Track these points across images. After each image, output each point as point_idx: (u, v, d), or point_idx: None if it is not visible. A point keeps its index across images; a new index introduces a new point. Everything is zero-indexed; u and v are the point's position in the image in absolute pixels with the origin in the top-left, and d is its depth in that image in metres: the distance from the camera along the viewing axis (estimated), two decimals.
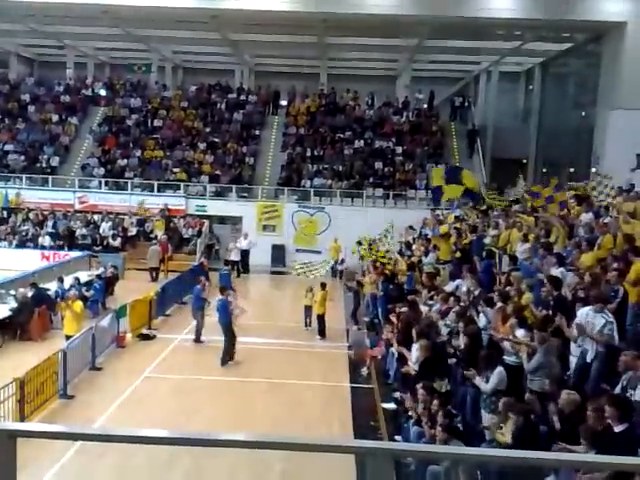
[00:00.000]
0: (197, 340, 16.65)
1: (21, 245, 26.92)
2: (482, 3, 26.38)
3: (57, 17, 30.84)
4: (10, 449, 2.03)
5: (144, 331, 17.05)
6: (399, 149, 33.16)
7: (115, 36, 34.86)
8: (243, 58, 39.67)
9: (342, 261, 26.94)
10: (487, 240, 16.21)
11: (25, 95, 36.09)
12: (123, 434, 2.11)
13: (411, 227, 24.71)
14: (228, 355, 14.97)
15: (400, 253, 20.88)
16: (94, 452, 9.17)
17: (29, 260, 24.11)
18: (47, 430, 2.15)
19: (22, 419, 10.72)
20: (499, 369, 8.74)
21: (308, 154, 32.68)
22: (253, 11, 27.06)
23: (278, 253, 28.93)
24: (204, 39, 34.72)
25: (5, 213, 28.99)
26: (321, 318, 17.59)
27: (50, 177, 30.97)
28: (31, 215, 28.81)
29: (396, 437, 9.63)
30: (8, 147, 32.75)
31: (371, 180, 31.07)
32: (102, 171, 31.50)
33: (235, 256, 26.51)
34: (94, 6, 27.64)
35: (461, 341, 10.24)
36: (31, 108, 35.29)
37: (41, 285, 18.16)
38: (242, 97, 36.31)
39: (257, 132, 34.27)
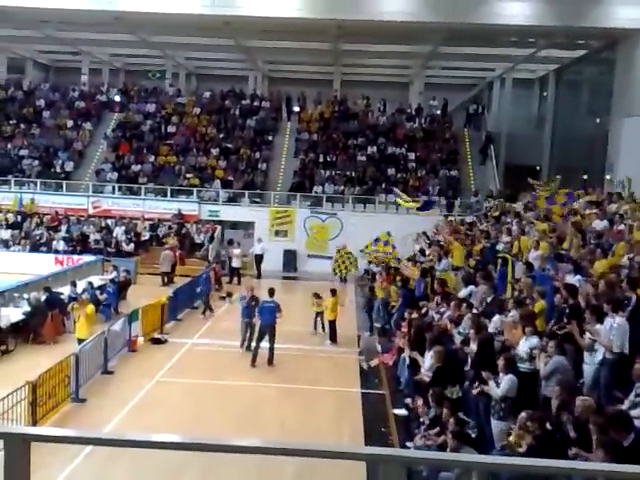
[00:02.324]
0: (249, 348, 15.82)
1: (35, 249, 27.10)
2: (496, 10, 26.32)
3: (72, 24, 31.08)
4: (24, 453, 2.04)
5: (156, 335, 17.08)
6: (412, 155, 33.12)
7: (130, 43, 35.11)
8: (256, 64, 39.80)
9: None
10: (500, 247, 16.14)
11: (40, 101, 36.41)
12: (134, 439, 2.10)
13: (424, 233, 24.67)
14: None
15: (412, 259, 20.81)
16: (105, 456, 9.18)
17: (43, 264, 24.24)
18: (61, 435, 2.15)
19: (34, 422, 10.74)
20: (510, 376, 8.67)
21: (320, 160, 32.73)
22: (267, 17, 27.15)
23: (290, 258, 28.95)
24: (218, 45, 34.90)
25: (19, 218, 29.20)
26: (332, 324, 17.56)
27: (64, 182, 31.19)
28: (45, 219, 29.01)
29: (407, 444, 9.58)
30: (23, 152, 33.04)
31: (383, 186, 31.04)
32: (116, 176, 31.70)
33: (236, 263, 26.45)
34: (108, 13, 27.88)
35: (473, 347, 10.18)
36: (46, 114, 35.59)
37: (54, 289, 18.25)
38: (255, 103, 36.45)
39: (270, 138, 34.37)
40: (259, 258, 27.76)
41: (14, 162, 32.50)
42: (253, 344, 15.53)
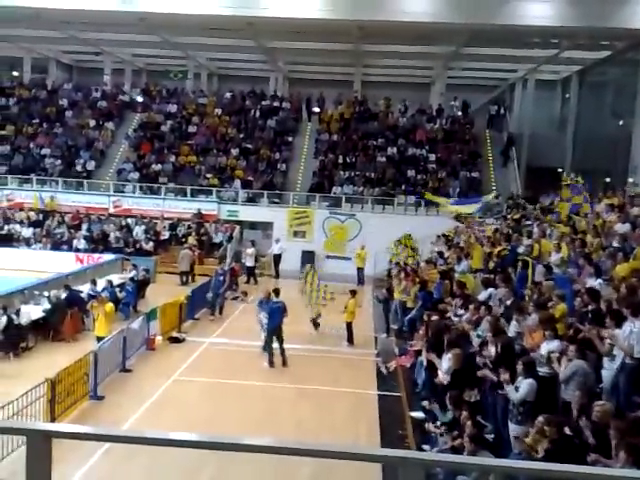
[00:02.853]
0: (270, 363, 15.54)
1: (56, 247, 27.36)
2: (519, 11, 26.10)
3: (95, 24, 31.35)
4: (45, 449, 2.05)
5: (174, 334, 17.16)
6: (432, 157, 32.97)
7: (152, 43, 35.34)
8: (277, 65, 39.87)
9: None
10: (521, 249, 15.99)
11: (63, 100, 36.79)
12: (153, 436, 2.11)
13: (444, 235, 24.53)
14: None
15: (430, 261, 20.69)
16: (122, 454, 9.21)
17: (63, 262, 24.46)
18: (82, 431, 2.16)
19: (52, 420, 10.82)
20: (530, 380, 8.57)
21: (340, 161, 32.69)
22: (289, 19, 27.18)
23: (308, 259, 28.93)
24: (239, 46, 34.99)
25: (41, 216, 29.51)
26: (349, 325, 17.50)
27: (86, 181, 31.48)
28: (66, 218, 29.29)
29: (424, 446, 9.51)
30: (45, 151, 33.40)
31: (403, 187, 30.93)
32: (137, 176, 31.93)
33: (250, 262, 26.52)
34: (132, 14, 28.08)
35: (492, 350, 10.08)
36: (69, 113, 35.94)
37: (74, 287, 18.40)
38: (275, 104, 36.49)
39: (290, 139, 34.41)
40: (277, 258, 27.79)
41: (37, 161, 32.87)
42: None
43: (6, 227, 28.63)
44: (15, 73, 41.28)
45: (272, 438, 2.09)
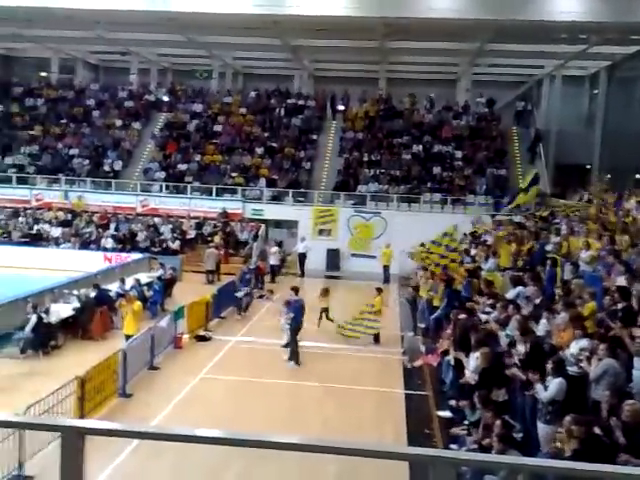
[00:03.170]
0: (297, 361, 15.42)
1: (84, 247, 27.69)
2: (547, 6, 25.81)
3: (122, 24, 31.64)
4: (79, 446, 2.06)
5: (201, 332, 17.27)
6: (458, 154, 32.74)
7: (178, 42, 35.59)
8: (302, 63, 39.89)
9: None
10: (549, 247, 15.81)
11: (90, 100, 37.20)
12: (184, 434, 2.12)
13: (470, 233, 24.35)
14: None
15: (457, 259, 20.54)
16: (150, 451, 9.28)
17: (92, 261, 24.73)
18: (116, 428, 2.18)
19: (82, 417, 10.92)
20: (560, 379, 8.46)
21: (365, 159, 32.61)
22: (315, 16, 27.17)
23: (333, 257, 28.93)
24: (264, 45, 35.11)
25: (70, 216, 29.90)
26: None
27: (113, 181, 31.82)
28: (94, 218, 29.64)
29: (451, 445, 9.45)
30: (73, 151, 33.81)
31: (429, 185, 30.75)
32: (163, 175, 32.18)
33: (274, 260, 26.63)
34: (158, 13, 28.31)
35: (521, 349, 9.98)
36: (96, 113, 36.33)
37: (103, 286, 18.59)
38: (300, 102, 36.51)
39: (314, 137, 34.41)
40: (302, 257, 27.82)
41: (65, 161, 33.30)
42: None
43: (35, 227, 29.05)
44: (43, 74, 41.86)
45: (298, 436, 2.09)
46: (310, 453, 2.04)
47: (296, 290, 16.25)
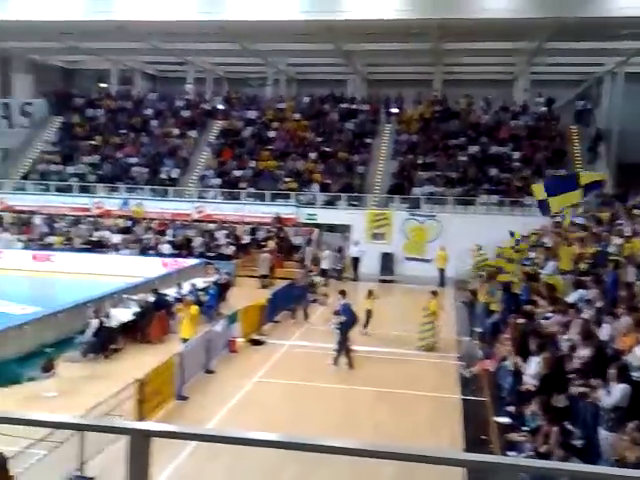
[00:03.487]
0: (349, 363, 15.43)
1: (143, 253, 28.29)
2: (607, 2, 25.05)
3: (178, 35, 32.27)
4: (145, 449, 2.09)
5: (255, 336, 17.36)
6: (516, 154, 32.10)
7: (232, 51, 36.07)
8: (356, 67, 39.87)
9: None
10: (611, 249, 15.28)
11: (148, 110, 38.03)
12: (240, 436, 2.13)
13: (529, 236, 23.78)
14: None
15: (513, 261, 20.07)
16: (206, 454, 9.35)
17: (150, 267, 25.24)
18: (181, 431, 2.19)
19: (141, 419, 11.10)
20: (623, 385, 8.13)
21: (420, 161, 32.31)
22: (369, 20, 27.10)
23: (387, 261, 28.71)
24: (318, 51, 35.25)
25: (129, 223, 30.61)
26: None
27: (170, 188, 32.43)
28: (153, 224, 30.27)
29: (509, 452, 9.19)
30: (132, 160, 34.60)
31: (485, 187, 30.23)
32: (218, 182, 32.61)
33: (325, 265, 26.58)
34: (213, 23, 28.74)
35: (583, 354, 9.64)
36: (153, 122, 37.11)
37: (161, 291, 18.92)
38: (354, 106, 36.48)
39: (368, 140, 34.29)
40: (356, 261, 27.75)
41: (124, 170, 34.11)
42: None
43: (96, 234, 29.83)
44: (102, 85, 43.07)
45: (353, 440, 2.03)
46: (365, 458, 2.00)
47: (344, 293, 16.21)
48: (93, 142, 36.01)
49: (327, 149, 33.66)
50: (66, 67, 44.17)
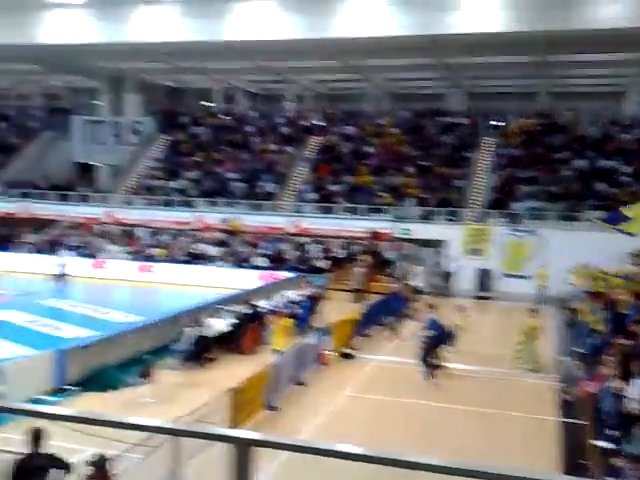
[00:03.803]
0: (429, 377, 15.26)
1: (239, 265, 28.96)
2: None
3: (282, 53, 32.82)
4: (248, 457, 2.13)
5: (346, 350, 17.31)
6: (626, 169, 30.54)
7: (333, 68, 36.39)
8: (457, 81, 39.25)
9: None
10: None
11: (249, 127, 39.06)
12: (346, 451, 2.12)
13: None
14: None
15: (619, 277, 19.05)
16: (297, 464, 9.32)
17: (245, 279, 25.79)
18: (282, 442, 2.19)
19: (234, 428, 11.28)
20: None
21: (521, 175, 31.38)
22: (474, 34, 26.61)
23: (484, 278, 27.99)
24: (418, 65, 34.98)
25: (226, 236, 31.46)
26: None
27: (267, 203, 33.09)
28: (249, 238, 30.98)
29: (609, 478, 8.67)
30: (232, 175, 35.60)
31: (590, 202, 28.92)
32: (314, 197, 32.96)
33: (417, 280, 26.24)
34: (316, 41, 28.94)
35: None
36: (254, 139, 38.06)
37: (255, 302, 19.27)
38: (453, 120, 35.99)
39: (468, 154, 33.68)
40: (451, 276, 27.26)
41: (224, 184, 35.14)
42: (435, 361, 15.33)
43: (195, 246, 30.85)
44: (207, 103, 44.70)
45: (445, 458, 1.98)
46: (456, 476, 1.95)
47: (432, 307, 15.93)
48: (196, 158, 37.32)
49: (425, 163, 33.32)
50: (173, 86, 46.13)
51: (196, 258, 29.86)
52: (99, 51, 33.37)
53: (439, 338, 15.33)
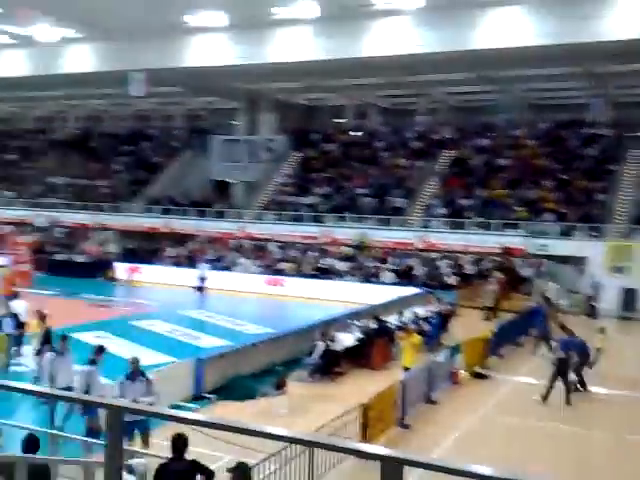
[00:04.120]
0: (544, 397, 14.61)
1: (366, 280, 28.94)
2: None
3: (418, 67, 32.44)
4: (399, 476, 2.23)
5: (478, 370, 16.75)
6: None
7: (466, 80, 35.57)
8: (601, 90, 37.00)
9: None
10: None
11: (379, 143, 39.13)
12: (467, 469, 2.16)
13: None
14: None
15: None
16: None
17: (372, 294, 25.61)
18: (431, 462, 2.27)
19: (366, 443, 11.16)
20: None
21: None
22: (618, 41, 25.05)
23: (629, 297, 26.20)
24: (559, 75, 33.41)
25: (354, 251, 31.59)
26: None
27: (396, 218, 32.91)
28: (377, 253, 30.92)
29: None
30: (361, 190, 35.76)
31: None
32: (444, 211, 32.39)
33: (554, 298, 24.88)
34: (456, 53, 28.24)
35: None
36: (383, 154, 38.07)
37: (383, 318, 19.15)
38: (596, 131, 34.16)
39: (611, 167, 31.81)
40: (592, 296, 25.73)
41: (353, 200, 35.37)
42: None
43: (323, 261, 31.22)
44: (338, 120, 45.27)
45: None
46: None
47: (564, 328, 15.10)
48: (326, 174, 37.87)
49: (564, 176, 31.83)
50: (307, 105, 47.10)
51: (324, 273, 30.21)
52: (238, 72, 34.65)
53: (572, 360, 14.52)
